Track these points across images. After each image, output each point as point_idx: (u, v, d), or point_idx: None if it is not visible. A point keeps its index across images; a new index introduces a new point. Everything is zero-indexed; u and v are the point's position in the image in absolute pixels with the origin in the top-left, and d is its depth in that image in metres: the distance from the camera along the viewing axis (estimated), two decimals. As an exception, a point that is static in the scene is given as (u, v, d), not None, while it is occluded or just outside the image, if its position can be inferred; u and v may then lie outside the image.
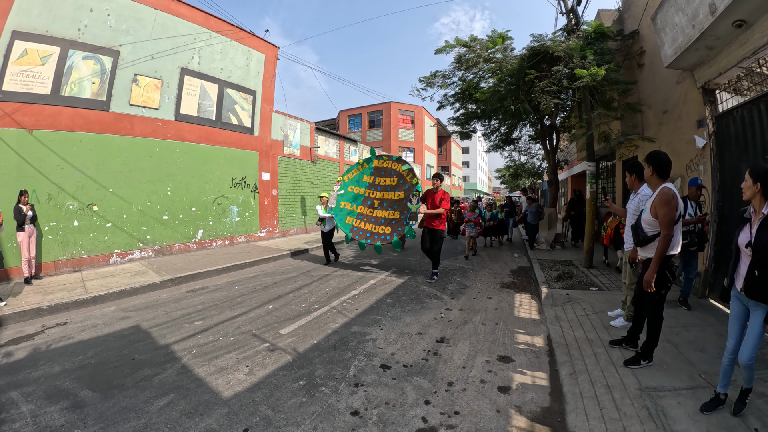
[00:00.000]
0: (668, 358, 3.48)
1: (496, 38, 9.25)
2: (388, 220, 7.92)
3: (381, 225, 7.97)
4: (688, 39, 5.01)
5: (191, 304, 5.90)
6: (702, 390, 2.92)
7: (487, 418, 2.81)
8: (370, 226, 8.09)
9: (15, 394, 3.25)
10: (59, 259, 7.92)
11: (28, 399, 3.17)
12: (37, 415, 2.93)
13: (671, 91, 6.79)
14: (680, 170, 6.33)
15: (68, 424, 2.81)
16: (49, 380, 3.51)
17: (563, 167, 17.21)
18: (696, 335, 4.04)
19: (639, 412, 2.68)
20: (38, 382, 3.48)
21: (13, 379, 3.53)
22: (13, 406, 3.07)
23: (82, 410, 2.99)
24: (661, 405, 2.75)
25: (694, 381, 3.08)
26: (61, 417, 2.90)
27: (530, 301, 5.92)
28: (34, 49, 7.61)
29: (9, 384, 3.44)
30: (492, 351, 4.00)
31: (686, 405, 2.73)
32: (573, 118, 11.54)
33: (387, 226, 7.83)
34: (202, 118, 10.91)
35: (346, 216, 8.60)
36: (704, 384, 3.01)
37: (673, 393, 2.90)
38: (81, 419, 2.87)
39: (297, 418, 2.86)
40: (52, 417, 2.90)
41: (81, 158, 8.22)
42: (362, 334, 4.56)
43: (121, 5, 8.92)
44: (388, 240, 7.63)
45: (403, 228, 7.59)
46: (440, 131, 41.08)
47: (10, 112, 7.27)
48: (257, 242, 12.52)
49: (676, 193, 3.10)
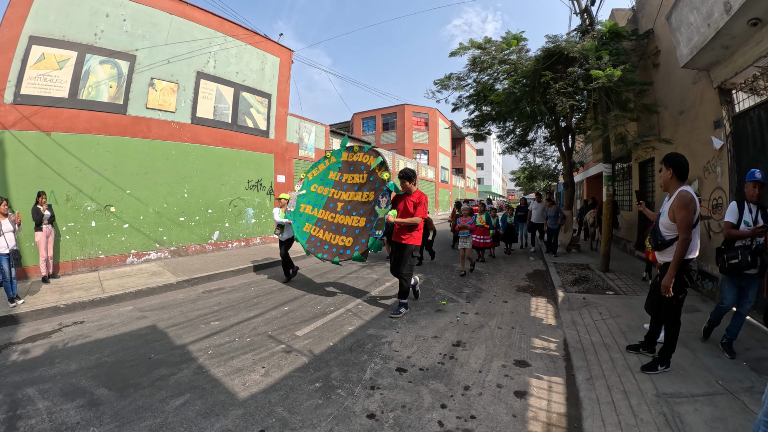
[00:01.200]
0: (685, 363, 3.42)
1: (511, 40, 9.19)
2: (351, 229, 5.96)
3: (342, 235, 6.05)
4: (704, 38, 4.91)
5: (207, 305, 5.95)
6: (719, 396, 2.86)
7: (504, 422, 2.77)
8: (329, 236, 6.19)
9: (31, 391, 3.29)
10: (76, 259, 8.07)
11: (44, 396, 3.21)
12: (53, 412, 2.96)
13: (687, 92, 6.66)
14: (698, 172, 6.19)
15: (84, 421, 2.83)
16: (66, 378, 3.55)
17: (579, 169, 17.01)
18: (713, 341, 3.96)
19: (656, 419, 2.63)
20: (54, 379, 3.52)
21: (30, 376, 3.58)
22: (29, 402, 3.10)
23: (98, 408, 3.01)
24: (678, 411, 2.70)
25: (712, 387, 3.01)
26: (77, 414, 2.93)
27: (546, 305, 5.84)
28: (51, 53, 7.80)
29: (26, 381, 3.49)
30: (508, 355, 3.95)
31: (703, 412, 2.68)
32: (588, 119, 11.41)
33: (349, 236, 5.90)
34: (218, 121, 11.07)
35: (304, 222, 6.71)
36: (722, 390, 2.95)
37: (690, 399, 2.85)
38: (97, 417, 2.89)
39: (313, 420, 2.84)
40: (68, 414, 2.93)
41: (99, 160, 8.38)
42: (378, 337, 4.54)
43: (136, 11, 9.10)
44: (348, 255, 5.68)
45: (367, 239, 5.55)
46: (454, 133, 41.06)
47: (28, 115, 7.45)
48: (273, 244, 12.61)
49: (694, 196, 3.05)
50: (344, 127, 36.53)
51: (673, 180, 3.22)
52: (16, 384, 3.43)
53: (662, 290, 3.12)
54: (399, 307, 5.38)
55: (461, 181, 45.48)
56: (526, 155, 15.37)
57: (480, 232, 8.95)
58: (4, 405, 3.07)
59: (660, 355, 3.31)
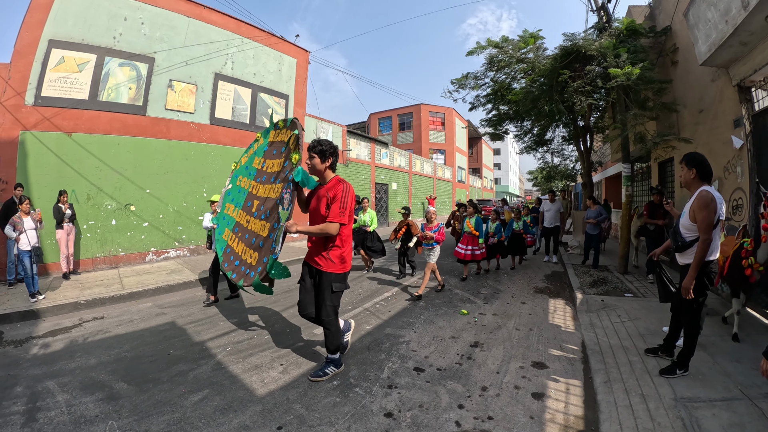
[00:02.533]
0: (704, 368, 3.35)
1: (528, 38, 9.12)
2: (258, 240, 3.83)
3: (251, 247, 3.97)
4: (722, 35, 4.81)
5: (226, 303, 5.99)
6: (738, 402, 2.80)
7: (521, 424, 2.75)
8: (242, 248, 4.16)
9: (51, 384, 3.35)
10: (97, 256, 8.25)
11: (63, 389, 3.27)
12: (72, 404, 3.02)
13: (706, 90, 6.53)
14: (718, 172, 6.04)
15: (103, 414, 2.88)
16: (85, 372, 3.61)
17: (597, 169, 16.76)
18: (732, 345, 3.88)
19: (673, 423, 2.59)
20: (74, 373, 3.59)
21: (50, 369, 3.66)
22: (49, 395, 3.17)
23: (117, 402, 3.06)
24: (695, 416, 2.65)
25: (730, 392, 2.95)
26: (96, 408, 2.98)
27: (564, 306, 5.76)
28: (71, 56, 7.99)
29: (46, 374, 3.56)
30: (526, 357, 3.91)
31: (721, 417, 2.63)
32: (607, 118, 11.24)
33: (255, 250, 3.87)
34: (236, 121, 11.20)
35: (224, 227, 4.80)
36: (740, 396, 2.89)
37: (708, 404, 2.79)
38: (116, 410, 2.93)
39: (331, 417, 2.85)
40: (87, 407, 2.98)
41: (119, 160, 8.56)
42: (395, 337, 4.54)
43: (154, 14, 9.26)
44: (251, 278, 3.56)
45: (269, 258, 3.42)
46: (471, 133, 40.82)
47: (49, 117, 7.66)
48: (291, 243, 12.71)
49: (714, 196, 2.99)
50: (361, 128, 36.58)
51: (695, 180, 3.16)
52: (37, 377, 3.51)
53: (682, 292, 3.09)
54: (325, 366, 3.52)
55: (478, 181, 45.06)
56: (543, 155, 15.20)
57: (468, 241, 7.27)
58: (24, 397, 3.14)
59: (679, 359, 3.26)
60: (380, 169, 19.44)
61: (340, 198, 3.23)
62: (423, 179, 25.63)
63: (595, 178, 17.57)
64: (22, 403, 3.04)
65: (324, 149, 3.37)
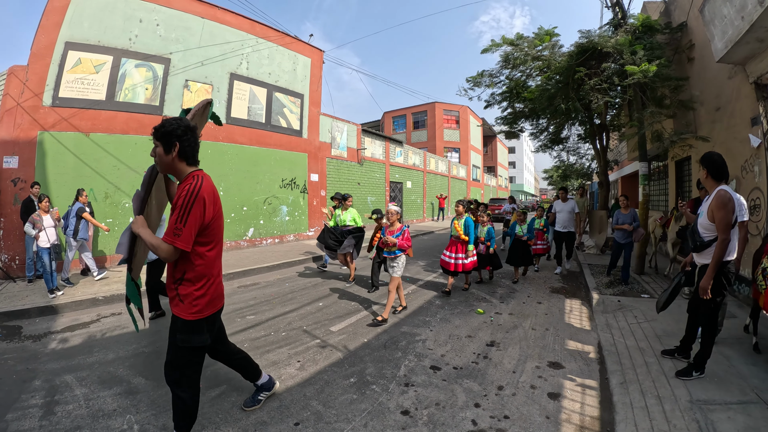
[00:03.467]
0: (720, 370, 3.31)
1: (543, 35, 9.05)
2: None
3: None
4: (738, 31, 4.72)
5: (243, 299, 6.06)
6: (753, 406, 2.77)
7: (537, 424, 2.75)
8: None
9: (70, 378, 3.40)
10: (114, 254, 8.38)
11: (82, 383, 3.31)
12: (90, 398, 3.06)
13: (723, 87, 6.40)
14: (735, 171, 5.92)
15: (121, 408, 2.92)
16: (103, 366, 3.66)
17: (613, 168, 16.54)
18: (749, 348, 3.81)
19: (689, 425, 2.57)
20: (92, 367, 3.64)
21: (69, 364, 3.71)
22: (67, 389, 3.21)
23: (135, 396, 3.10)
24: (711, 419, 2.64)
25: (746, 396, 2.92)
26: (114, 402, 3.02)
27: (581, 307, 5.70)
28: (87, 58, 8.12)
29: (64, 368, 3.61)
30: (542, 356, 3.89)
31: (736, 420, 2.60)
32: (623, 116, 11.07)
33: None
34: (252, 121, 11.31)
35: None
36: (756, 399, 2.86)
37: (724, 407, 2.77)
38: (133, 405, 2.97)
39: (348, 414, 2.87)
40: (105, 401, 3.02)
41: (136, 159, 8.69)
42: (412, 335, 4.55)
43: (169, 15, 9.38)
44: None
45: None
46: (486, 131, 40.43)
47: (67, 117, 7.80)
48: (306, 241, 12.80)
49: (732, 196, 2.99)
50: (375, 126, 36.54)
51: (709, 180, 3.19)
52: (55, 371, 3.56)
53: (700, 292, 3.09)
54: None
55: (493, 179, 44.38)
56: (559, 153, 15.05)
57: (454, 247, 6.14)
58: (42, 391, 3.19)
59: (695, 361, 3.25)
60: (395, 168, 19.39)
61: (180, 206, 2.13)
62: (438, 178, 25.49)
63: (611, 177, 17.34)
64: (40, 397, 3.10)
65: (167, 130, 2.21)
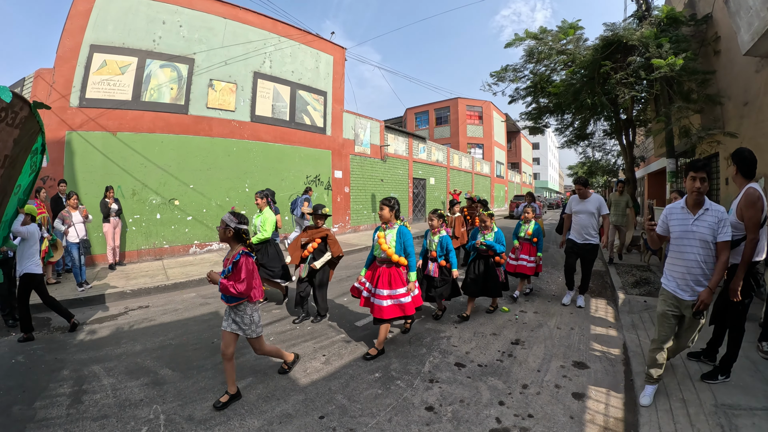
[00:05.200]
0: (746, 375, 3.20)
1: (567, 29, 8.87)
2: None
3: None
4: (765, 23, 4.57)
5: (268, 294, 6.08)
6: None
7: (561, 423, 2.73)
8: None
9: (97, 368, 3.51)
10: (142, 249, 8.65)
11: (109, 373, 3.42)
12: (117, 388, 3.16)
13: (751, 81, 6.19)
14: (764, 168, 5.65)
15: (147, 398, 3.00)
16: (131, 357, 3.77)
17: (639, 165, 16.12)
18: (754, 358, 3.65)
19: (713, 430, 2.52)
20: (120, 358, 3.75)
21: (96, 355, 3.83)
22: (95, 379, 3.32)
23: (162, 387, 3.18)
24: (735, 424, 2.56)
25: None
26: (141, 392, 3.11)
27: (606, 306, 5.59)
28: (112, 60, 8.35)
29: (92, 359, 3.73)
30: (567, 356, 3.84)
31: (761, 426, 2.52)
32: (649, 111, 10.76)
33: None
34: (276, 119, 11.44)
35: None
36: None
37: (749, 413, 2.68)
38: (160, 395, 3.05)
39: (372, 409, 2.90)
40: (132, 391, 3.11)
41: (163, 157, 8.92)
42: (436, 331, 4.55)
43: (191, 17, 9.55)
44: None
45: None
46: (509, 126, 39.78)
47: (94, 117, 8.05)
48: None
49: (761, 194, 2.91)
50: (397, 123, 36.30)
51: (738, 177, 3.10)
52: (83, 361, 3.68)
53: (730, 294, 2.98)
54: None
55: (517, 176, 43.57)
56: (584, 149, 14.75)
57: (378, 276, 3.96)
58: (70, 380, 3.31)
59: (721, 364, 3.17)
60: (418, 164, 19.25)
61: None
62: (461, 174, 25.16)
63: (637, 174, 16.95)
64: (68, 386, 3.21)
65: None
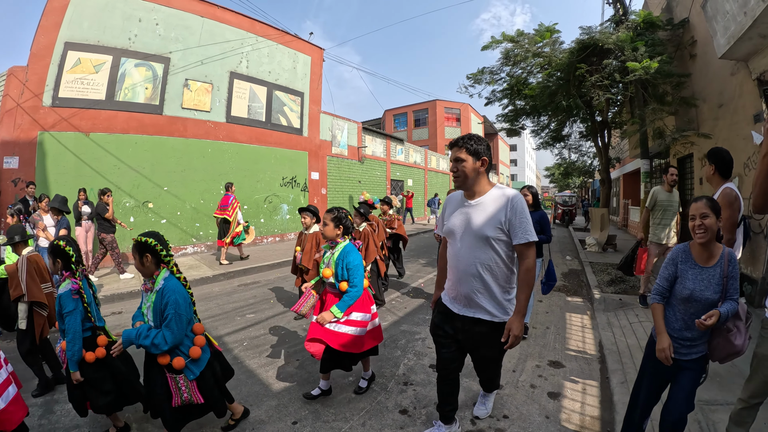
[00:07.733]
0: (721, 370, 3.25)
1: (544, 32, 9.02)
2: None
3: None
4: (741, 27, 4.70)
5: (243, 298, 6.07)
6: None
7: (536, 423, 2.74)
8: None
9: None
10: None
11: None
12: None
13: (726, 84, 6.38)
14: (738, 169, 5.85)
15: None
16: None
17: (615, 165, 16.54)
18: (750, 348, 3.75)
19: (690, 426, 2.51)
20: None
21: None
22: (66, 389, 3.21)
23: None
24: (712, 419, 2.62)
25: None
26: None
27: (582, 305, 5.68)
28: (87, 58, 8.11)
29: None
30: (542, 355, 3.87)
31: None
32: (625, 113, 11.03)
33: None
34: (252, 119, 11.31)
35: None
36: None
37: (726, 407, 2.72)
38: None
39: (346, 413, 2.87)
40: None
41: (136, 159, 8.70)
42: (411, 333, 4.55)
43: (168, 15, 9.36)
44: None
45: None
46: (487, 128, 40.23)
47: (67, 117, 7.81)
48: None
49: (738, 194, 2.94)
50: (376, 124, 36.40)
51: (715, 176, 3.11)
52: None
53: None
54: None
55: (495, 177, 44.30)
56: (561, 151, 15.02)
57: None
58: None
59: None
60: (396, 166, 19.35)
61: None
62: (439, 175, 25.43)
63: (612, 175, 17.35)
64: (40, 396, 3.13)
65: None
